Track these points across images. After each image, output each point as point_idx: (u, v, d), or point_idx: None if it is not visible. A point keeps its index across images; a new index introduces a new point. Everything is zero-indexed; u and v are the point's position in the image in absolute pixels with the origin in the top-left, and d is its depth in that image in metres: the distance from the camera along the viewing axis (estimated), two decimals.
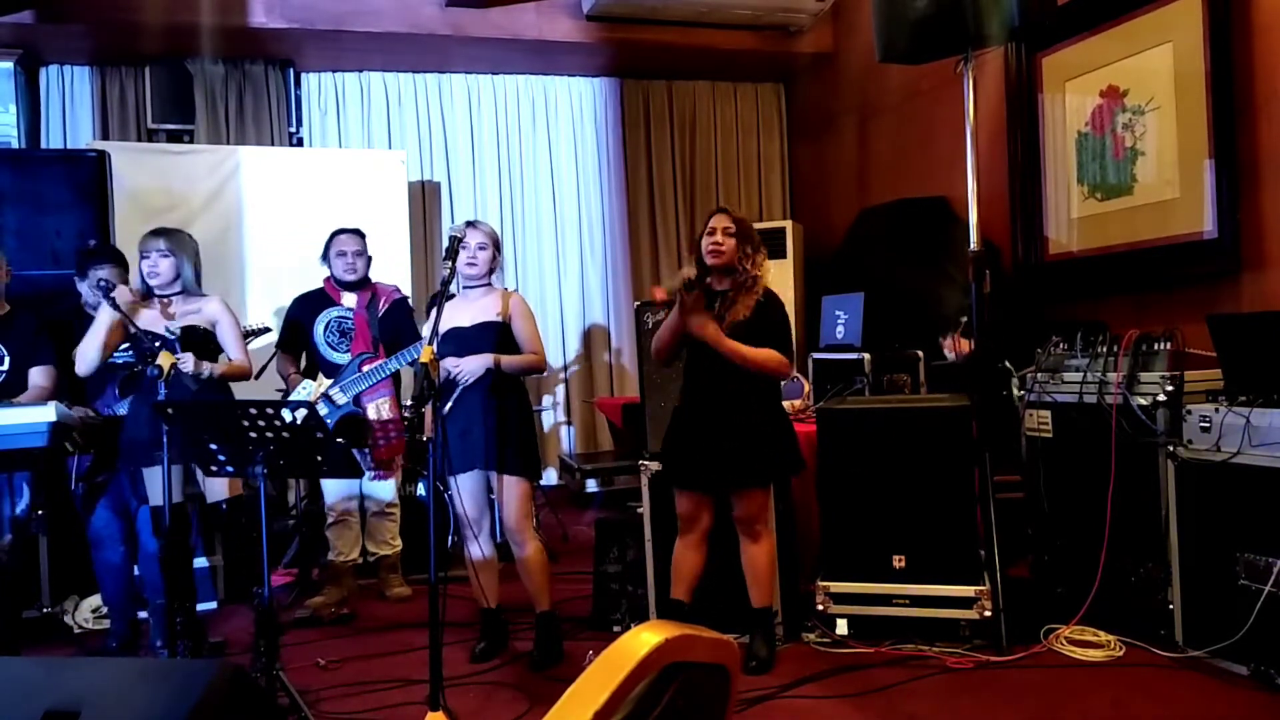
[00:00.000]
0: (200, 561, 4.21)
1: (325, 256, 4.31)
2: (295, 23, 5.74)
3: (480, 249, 3.50)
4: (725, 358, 3.15)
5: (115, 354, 3.76)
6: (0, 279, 3.67)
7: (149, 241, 3.62)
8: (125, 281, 3.85)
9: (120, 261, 3.99)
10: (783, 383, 3.65)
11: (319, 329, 4.25)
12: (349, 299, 4.28)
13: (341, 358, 4.21)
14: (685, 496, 3.34)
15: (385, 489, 4.40)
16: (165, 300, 3.62)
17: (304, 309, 4.31)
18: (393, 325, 4.30)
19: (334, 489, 4.32)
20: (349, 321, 4.25)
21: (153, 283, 3.60)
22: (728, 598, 3.41)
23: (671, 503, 3.47)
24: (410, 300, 5.90)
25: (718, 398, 3.26)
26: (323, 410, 3.94)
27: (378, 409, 4.15)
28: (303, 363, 4.35)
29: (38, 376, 3.61)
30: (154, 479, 3.50)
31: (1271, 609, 2.90)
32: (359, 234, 4.32)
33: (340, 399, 4.09)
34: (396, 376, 4.33)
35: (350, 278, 4.25)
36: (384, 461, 4.23)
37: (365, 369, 4.15)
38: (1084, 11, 4.47)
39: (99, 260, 3.94)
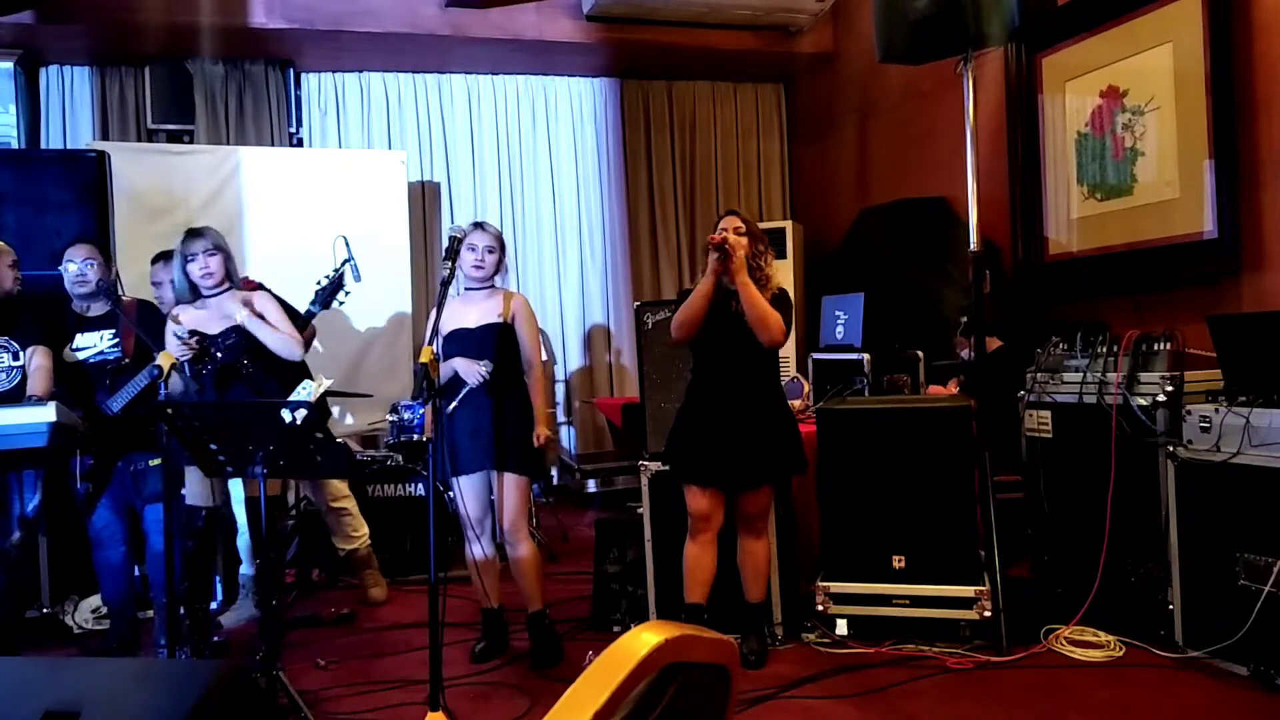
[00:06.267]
0: None
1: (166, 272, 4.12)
2: (295, 23, 5.73)
3: (489, 251, 3.50)
4: (742, 303, 3.17)
5: (105, 351, 3.77)
6: (9, 286, 3.68)
7: (192, 244, 3.59)
8: (110, 272, 3.84)
9: (100, 246, 3.95)
10: (783, 382, 3.67)
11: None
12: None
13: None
14: (702, 494, 3.31)
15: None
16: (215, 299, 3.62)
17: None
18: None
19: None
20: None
21: (208, 284, 3.60)
22: (725, 597, 3.41)
23: (671, 503, 3.48)
24: (409, 301, 5.95)
25: (730, 394, 3.27)
26: None
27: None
28: None
29: (36, 357, 3.62)
30: (189, 476, 3.54)
31: (1271, 609, 2.90)
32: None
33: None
34: None
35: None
36: None
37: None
38: (1084, 12, 4.47)
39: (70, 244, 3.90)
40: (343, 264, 4.61)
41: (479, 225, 3.55)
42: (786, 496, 3.68)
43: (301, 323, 4.06)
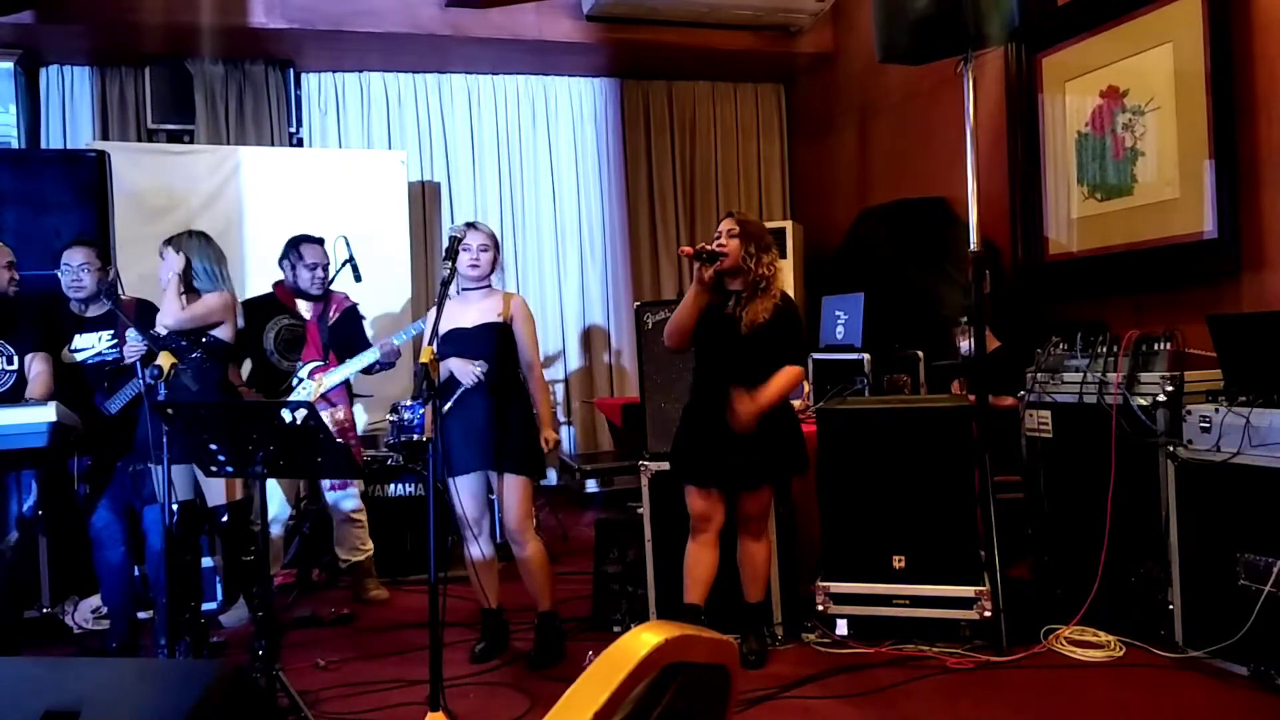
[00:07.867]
0: (203, 561, 4.21)
1: (286, 261, 4.32)
2: (295, 23, 5.73)
3: (482, 250, 3.51)
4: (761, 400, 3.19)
5: (103, 352, 3.77)
6: (5, 287, 3.68)
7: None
8: (109, 273, 3.85)
9: (95, 247, 3.96)
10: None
11: (269, 337, 4.24)
12: (304, 307, 4.29)
13: (289, 367, 4.20)
14: (700, 494, 3.32)
15: (347, 498, 4.41)
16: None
17: (253, 317, 4.27)
18: (343, 332, 4.32)
19: (332, 494, 4.38)
20: (299, 329, 4.26)
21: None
22: (725, 597, 3.41)
23: (671, 503, 3.48)
24: (408, 301, 5.96)
25: (729, 395, 3.26)
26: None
27: (330, 416, 4.09)
28: (245, 370, 4.29)
29: (36, 363, 3.62)
30: (175, 475, 3.52)
31: (1271, 609, 2.90)
32: (323, 244, 4.36)
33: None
34: (348, 383, 4.36)
35: (318, 291, 4.29)
36: None
37: (317, 377, 4.15)
38: (1084, 12, 4.47)
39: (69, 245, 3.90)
40: (343, 264, 4.61)
41: (472, 225, 3.55)
42: (786, 496, 3.68)
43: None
